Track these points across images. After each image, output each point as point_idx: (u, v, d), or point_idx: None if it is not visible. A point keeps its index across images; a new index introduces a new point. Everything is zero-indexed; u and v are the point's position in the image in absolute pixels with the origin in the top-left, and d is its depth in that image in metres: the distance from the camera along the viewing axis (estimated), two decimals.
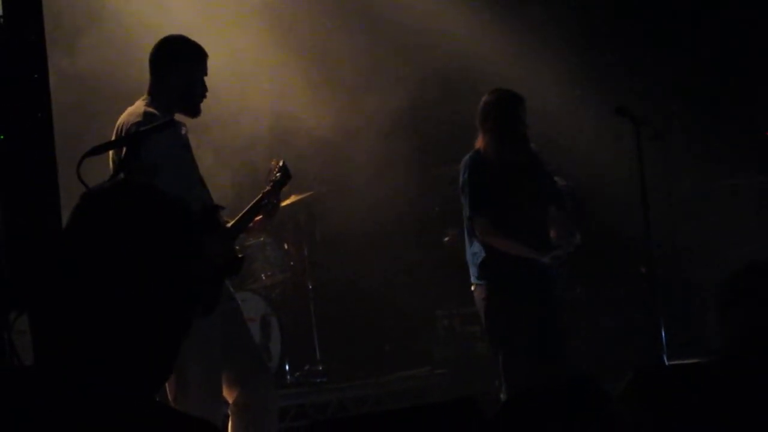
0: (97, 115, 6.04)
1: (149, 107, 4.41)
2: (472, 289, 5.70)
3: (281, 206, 5.05)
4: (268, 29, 7.65)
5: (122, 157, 4.05)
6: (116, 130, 4.41)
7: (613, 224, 7.35)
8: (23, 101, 4.63)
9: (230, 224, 4.68)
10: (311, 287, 7.90)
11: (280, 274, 7.86)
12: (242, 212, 4.73)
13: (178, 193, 1.82)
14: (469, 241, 5.68)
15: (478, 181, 5.57)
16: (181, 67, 4.52)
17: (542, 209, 5.71)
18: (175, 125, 4.33)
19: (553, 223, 6.04)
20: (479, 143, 5.64)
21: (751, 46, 8.09)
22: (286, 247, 8.01)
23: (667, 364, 5.41)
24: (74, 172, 3.67)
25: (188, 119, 4.60)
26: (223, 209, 4.59)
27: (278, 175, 4.89)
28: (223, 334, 4.42)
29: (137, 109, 4.42)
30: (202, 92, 4.56)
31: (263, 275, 7.78)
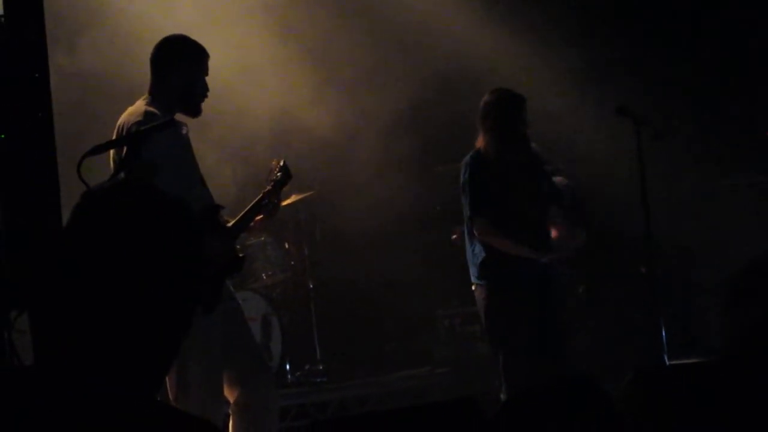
0: (97, 114, 6.03)
1: (150, 107, 4.41)
2: (472, 288, 5.70)
3: (282, 206, 5.06)
4: (268, 29, 7.65)
5: (123, 156, 4.06)
6: (117, 129, 4.41)
7: (613, 224, 7.34)
8: (24, 101, 4.63)
9: (231, 224, 4.68)
10: (312, 287, 7.91)
11: (280, 273, 7.87)
12: (243, 212, 4.73)
13: (178, 192, 1.81)
14: (469, 241, 5.68)
15: (478, 181, 5.57)
16: (181, 66, 4.52)
17: (542, 209, 5.71)
18: (175, 125, 4.33)
19: (554, 222, 6.04)
20: (479, 143, 5.63)
21: (751, 46, 8.08)
22: (286, 246, 8.02)
23: (667, 364, 5.41)
24: (75, 171, 3.68)
25: (189, 119, 4.60)
26: (223, 209, 4.59)
27: (279, 174, 4.90)
28: (223, 333, 4.42)
29: (138, 108, 4.42)
30: (203, 92, 4.56)
31: (264, 275, 7.78)
